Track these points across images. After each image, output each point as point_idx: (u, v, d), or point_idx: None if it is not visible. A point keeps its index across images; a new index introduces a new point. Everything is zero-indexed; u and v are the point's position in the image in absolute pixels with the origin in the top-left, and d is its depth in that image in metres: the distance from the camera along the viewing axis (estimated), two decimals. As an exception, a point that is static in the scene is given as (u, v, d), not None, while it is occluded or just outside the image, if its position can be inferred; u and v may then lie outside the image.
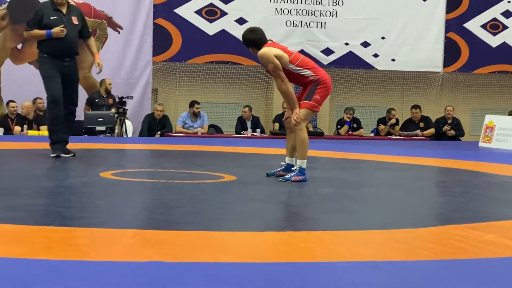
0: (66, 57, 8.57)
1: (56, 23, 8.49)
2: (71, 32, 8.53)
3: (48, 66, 8.54)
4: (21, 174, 6.94)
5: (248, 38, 7.02)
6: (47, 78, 8.56)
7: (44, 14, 8.53)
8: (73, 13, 8.69)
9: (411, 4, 17.54)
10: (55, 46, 8.49)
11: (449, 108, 16.78)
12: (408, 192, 6.57)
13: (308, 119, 7.07)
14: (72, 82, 8.69)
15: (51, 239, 3.85)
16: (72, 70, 8.66)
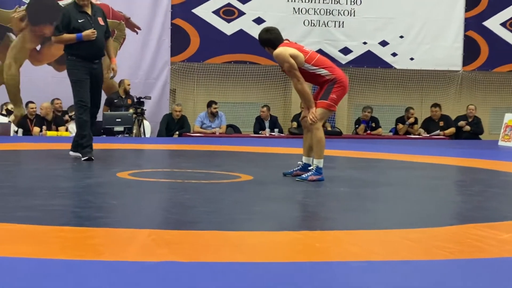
0: (95, 59, 8.49)
1: (84, 25, 8.37)
2: (99, 34, 8.43)
3: (78, 69, 8.42)
4: (39, 175, 6.96)
5: (263, 37, 7.02)
6: (77, 82, 8.45)
7: (71, 17, 8.38)
8: (98, 14, 8.59)
9: (430, 3, 17.46)
10: (84, 49, 8.38)
11: (471, 107, 16.68)
12: (425, 191, 6.53)
13: (324, 119, 7.05)
14: (98, 84, 8.64)
15: (67, 239, 3.86)
16: (100, 72, 8.60)
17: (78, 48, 8.39)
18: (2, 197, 5.32)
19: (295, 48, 6.95)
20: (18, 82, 15.38)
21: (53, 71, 15.58)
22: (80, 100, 8.43)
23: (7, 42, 15.40)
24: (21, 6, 15.39)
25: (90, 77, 8.47)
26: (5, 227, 4.11)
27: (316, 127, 6.85)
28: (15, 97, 15.31)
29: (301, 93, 6.91)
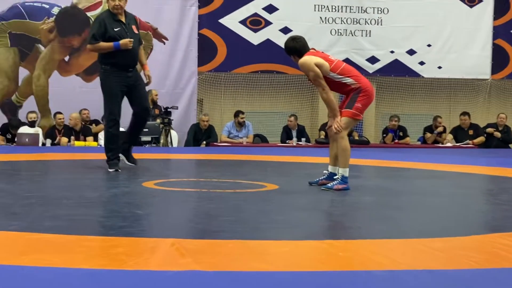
0: (130, 68, 8.40)
1: (120, 34, 8.27)
2: (134, 43, 8.34)
3: (111, 80, 8.34)
4: (66, 184, 7.00)
5: (290, 46, 7.02)
6: (108, 94, 8.41)
7: (107, 25, 8.28)
8: (132, 22, 8.50)
9: (458, 11, 17.39)
10: (120, 58, 8.27)
11: (502, 115, 16.57)
12: (452, 200, 6.49)
13: (349, 127, 7.04)
14: (138, 90, 8.50)
15: (91, 248, 3.88)
16: (136, 79, 8.48)
17: (114, 57, 8.29)
18: (29, 207, 5.35)
19: (321, 57, 6.94)
20: (47, 93, 15.52)
21: (81, 81, 15.70)
22: (110, 114, 8.42)
23: (36, 53, 15.54)
24: (50, 18, 15.53)
25: (126, 86, 8.40)
26: (32, 236, 4.14)
27: (341, 136, 6.84)
28: (43, 108, 15.44)
29: (326, 102, 6.91)
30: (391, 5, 17.08)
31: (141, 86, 8.55)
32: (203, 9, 16.19)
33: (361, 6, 17.01)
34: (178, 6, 15.74)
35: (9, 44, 15.44)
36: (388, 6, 17.08)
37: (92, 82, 15.66)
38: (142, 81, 8.58)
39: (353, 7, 16.99)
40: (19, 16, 15.41)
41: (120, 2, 8.30)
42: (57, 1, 15.57)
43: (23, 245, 3.92)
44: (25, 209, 5.25)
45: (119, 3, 8.28)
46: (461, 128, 16.50)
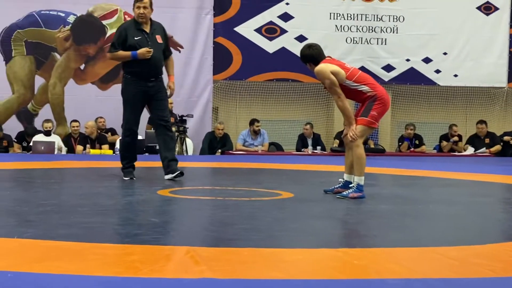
0: (150, 77, 8.28)
1: (140, 43, 8.19)
2: (156, 52, 8.23)
3: (130, 89, 8.30)
4: (81, 192, 7.02)
5: (305, 53, 7.01)
6: (127, 103, 8.36)
7: (128, 34, 8.22)
8: (157, 31, 8.37)
9: (474, 19, 17.36)
10: (140, 67, 8.19)
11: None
12: (468, 209, 6.45)
13: (364, 135, 7.01)
14: (159, 100, 8.38)
15: (106, 256, 3.88)
16: (158, 89, 8.34)
17: (134, 66, 8.23)
18: (45, 214, 5.37)
19: (337, 64, 6.93)
20: (62, 101, 15.58)
21: (96, 90, 15.76)
22: (126, 122, 8.39)
23: (52, 61, 15.62)
24: (65, 26, 15.60)
25: (146, 96, 8.32)
26: (47, 243, 4.14)
27: (356, 144, 6.82)
28: (59, 116, 15.50)
29: (341, 110, 6.90)
30: (407, 13, 17.06)
31: (162, 97, 8.41)
32: (219, 17, 16.22)
33: (377, 14, 17.01)
34: (193, 14, 15.78)
35: (25, 52, 15.52)
36: (404, 14, 17.06)
37: (107, 90, 15.74)
38: (164, 92, 8.46)
39: (369, 15, 16.98)
40: (35, 24, 15.50)
41: (145, 11, 8.22)
42: (73, 10, 15.64)
43: (38, 253, 3.93)
44: (40, 216, 5.26)
45: (143, 11, 8.21)
46: (477, 136, 16.44)
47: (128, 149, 8.47)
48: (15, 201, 6.20)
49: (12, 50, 15.46)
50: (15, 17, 15.42)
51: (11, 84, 15.48)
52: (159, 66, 8.36)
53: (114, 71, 15.76)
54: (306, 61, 7.03)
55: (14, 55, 15.49)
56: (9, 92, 15.49)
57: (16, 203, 6.06)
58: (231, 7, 16.32)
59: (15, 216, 5.27)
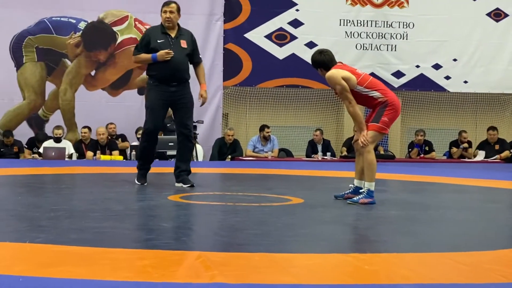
0: (172, 81, 8.17)
1: (162, 46, 8.12)
2: (179, 56, 8.12)
3: (153, 94, 8.24)
4: (92, 197, 7.04)
5: (317, 59, 7.01)
6: (149, 108, 8.29)
7: (151, 37, 8.19)
8: (183, 37, 8.29)
9: (484, 25, 17.34)
10: (161, 70, 8.12)
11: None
12: (478, 214, 6.44)
13: (375, 141, 7.01)
14: (182, 107, 8.27)
15: (117, 260, 3.89)
16: (181, 95, 8.22)
17: (155, 69, 8.19)
18: (56, 220, 5.39)
19: (348, 70, 6.94)
20: (73, 107, 15.63)
21: (107, 96, 15.81)
22: (146, 127, 8.31)
23: (63, 67, 15.67)
24: (76, 33, 15.65)
25: (168, 101, 8.23)
26: (58, 248, 4.16)
27: (368, 150, 6.82)
28: (69, 122, 15.55)
29: (353, 116, 6.90)
30: (417, 19, 17.06)
31: (185, 103, 8.29)
32: (229, 24, 16.25)
33: (387, 20, 17.01)
34: (203, 20, 15.81)
35: (36, 58, 15.58)
36: (414, 20, 17.06)
37: (118, 97, 15.79)
38: (188, 98, 8.32)
39: (379, 22, 16.99)
40: (46, 31, 15.56)
41: (171, 15, 8.20)
42: (84, 16, 15.70)
43: (49, 257, 3.94)
44: (52, 221, 5.28)
45: (170, 15, 8.19)
46: (488, 142, 16.41)
47: (145, 154, 8.42)
48: (27, 206, 6.22)
49: (23, 57, 15.53)
50: (26, 23, 15.49)
51: (22, 90, 15.54)
52: (181, 70, 8.21)
53: (124, 77, 15.82)
54: (317, 66, 7.03)
55: (25, 62, 15.55)
56: (20, 98, 15.55)
57: (28, 208, 6.08)
58: (241, 14, 16.36)
59: (26, 221, 5.29)
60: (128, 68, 15.83)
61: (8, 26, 15.38)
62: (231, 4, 16.28)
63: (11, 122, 15.48)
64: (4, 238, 4.45)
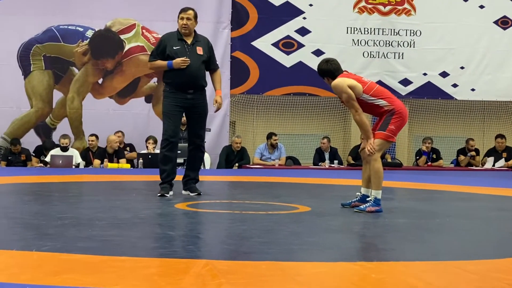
0: (188, 89, 8.10)
1: (178, 53, 8.05)
2: (195, 63, 8.06)
3: (169, 101, 8.15)
4: (99, 206, 7.04)
5: (323, 68, 7.02)
6: (165, 115, 8.18)
7: (167, 44, 8.13)
8: (199, 44, 8.25)
9: (491, 33, 17.32)
10: (177, 78, 8.05)
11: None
12: (486, 223, 6.42)
13: (382, 150, 7.00)
14: (196, 115, 8.23)
15: (123, 269, 3.88)
16: (197, 103, 8.17)
17: (170, 76, 8.12)
18: (63, 228, 5.39)
19: (354, 78, 6.93)
20: (80, 115, 15.66)
21: (114, 104, 15.83)
22: (165, 134, 8.18)
23: (70, 76, 15.70)
24: (84, 41, 15.69)
25: (184, 107, 8.17)
26: (65, 257, 4.16)
27: (374, 158, 6.81)
28: (77, 130, 15.58)
29: (359, 124, 6.89)
30: (424, 27, 17.06)
31: (199, 112, 8.26)
32: (236, 32, 16.27)
33: (394, 28, 17.00)
34: (210, 28, 15.82)
35: (44, 67, 15.62)
36: (421, 28, 17.06)
37: (125, 105, 15.81)
38: (203, 107, 8.28)
39: (386, 29, 16.98)
40: (54, 39, 15.59)
41: (188, 22, 8.17)
42: (91, 24, 15.74)
43: (56, 266, 3.94)
44: (58, 230, 5.28)
45: (187, 22, 8.16)
46: (496, 150, 16.37)
47: (166, 162, 8.18)
48: (34, 214, 6.22)
49: (31, 65, 15.56)
50: (33, 32, 15.53)
51: (29, 98, 15.57)
52: (197, 78, 8.15)
53: (132, 85, 15.84)
54: (323, 75, 7.04)
55: (33, 70, 15.58)
56: (28, 106, 15.58)
57: (35, 216, 6.08)
58: (248, 22, 16.37)
59: (33, 230, 5.29)
60: (135, 76, 15.86)
61: (16, 34, 15.43)
62: (238, 12, 16.31)
63: (19, 130, 15.50)
64: (11, 246, 4.45)
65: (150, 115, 15.93)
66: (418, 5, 17.08)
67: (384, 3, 17.00)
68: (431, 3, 17.12)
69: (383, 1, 16.99)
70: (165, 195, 8.00)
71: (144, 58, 15.66)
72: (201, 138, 8.35)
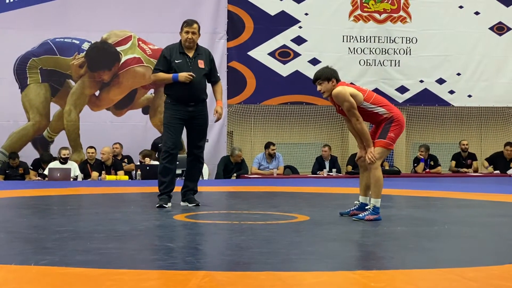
0: (190, 102, 8.14)
1: (180, 66, 8.08)
2: (197, 77, 8.08)
3: (170, 112, 8.18)
4: (97, 218, 7.03)
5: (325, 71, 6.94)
6: (166, 126, 8.21)
7: (170, 57, 8.15)
8: (201, 57, 8.25)
9: (487, 39, 17.37)
10: (178, 91, 8.09)
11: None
12: (485, 229, 6.42)
13: (383, 158, 7.01)
14: (197, 127, 8.27)
15: (122, 281, 3.88)
16: (198, 115, 8.22)
17: (173, 89, 8.15)
18: (62, 241, 5.38)
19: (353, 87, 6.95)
20: (78, 128, 15.66)
21: (111, 116, 15.83)
22: (164, 145, 8.21)
23: (67, 88, 15.71)
24: (80, 53, 15.69)
25: (185, 120, 8.20)
26: (64, 271, 4.15)
27: (375, 166, 6.82)
28: (75, 142, 15.57)
29: (361, 133, 6.88)
30: (420, 34, 17.09)
31: (200, 124, 8.31)
32: (232, 42, 16.29)
33: (390, 36, 17.04)
34: (207, 39, 15.81)
35: (40, 80, 15.61)
36: (417, 35, 17.09)
37: (122, 116, 15.81)
38: (204, 119, 8.34)
39: (382, 37, 17.01)
40: (50, 52, 15.60)
41: (193, 36, 8.18)
42: (87, 37, 15.75)
43: (54, 280, 3.94)
44: (57, 243, 5.28)
45: (192, 36, 8.15)
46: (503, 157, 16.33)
47: (166, 173, 8.20)
48: (32, 228, 6.22)
49: (27, 78, 15.56)
50: (30, 45, 15.54)
51: (26, 111, 15.56)
52: (198, 91, 8.19)
53: (128, 97, 15.85)
54: (320, 77, 6.93)
55: (30, 83, 15.58)
56: (25, 120, 15.57)
57: (33, 230, 6.08)
58: (244, 32, 16.40)
59: (32, 243, 5.28)
60: (132, 88, 15.87)
61: (12, 47, 15.43)
62: (234, 22, 16.33)
63: (16, 143, 15.49)
64: (9, 261, 4.44)
65: (148, 127, 15.93)
66: (414, 12, 17.12)
67: (379, 11, 17.03)
68: (427, 10, 17.16)
69: (379, 9, 17.02)
70: (163, 205, 8.00)
71: (141, 70, 15.68)
72: (200, 149, 8.37)
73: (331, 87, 6.90)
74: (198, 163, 8.44)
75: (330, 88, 6.91)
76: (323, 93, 6.95)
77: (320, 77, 6.94)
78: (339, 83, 6.95)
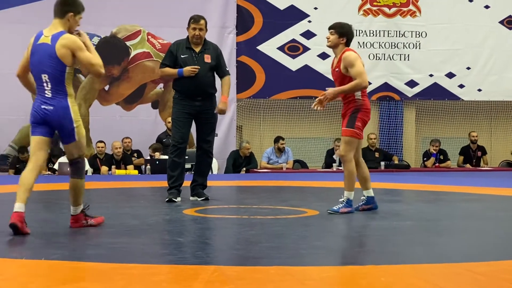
0: (196, 96, 8.18)
1: (186, 61, 8.15)
2: (202, 71, 8.11)
3: (178, 107, 8.25)
4: (107, 212, 7.03)
5: (341, 25, 7.15)
6: (174, 121, 8.28)
7: (177, 52, 8.22)
8: (208, 51, 8.27)
9: (497, 33, 17.29)
10: (185, 85, 8.15)
11: None
12: (493, 224, 6.41)
13: (353, 148, 6.95)
14: (205, 121, 8.29)
15: (132, 276, 3.89)
16: (206, 110, 8.24)
17: (179, 84, 8.23)
18: (72, 236, 5.41)
19: None
20: (87, 122, 15.66)
21: (121, 110, 15.85)
22: (173, 140, 8.29)
23: (77, 83, 15.70)
24: (89, 48, 15.69)
25: (194, 114, 8.24)
26: (74, 265, 4.18)
27: (348, 159, 6.88)
28: (85, 137, 15.57)
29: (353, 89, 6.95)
30: (429, 28, 17.04)
31: (208, 118, 8.33)
32: (241, 36, 16.27)
33: (399, 30, 16.99)
34: (216, 33, 15.81)
35: (50, 74, 15.61)
36: (426, 29, 17.04)
37: (132, 111, 15.83)
38: (212, 114, 8.36)
39: (391, 32, 16.96)
40: (60, 47, 15.60)
41: (200, 32, 8.20)
42: (97, 31, 15.75)
43: (65, 274, 3.96)
44: (67, 238, 5.31)
45: (199, 33, 8.19)
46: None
47: (174, 167, 8.23)
48: (42, 222, 6.25)
49: (37, 73, 15.57)
50: (40, 40, 15.54)
51: (36, 106, 15.57)
52: (205, 85, 8.21)
53: (138, 91, 15.86)
54: (336, 30, 7.09)
55: (39, 78, 15.58)
56: (35, 114, 15.57)
57: (43, 224, 6.11)
58: (253, 26, 16.38)
59: (42, 238, 5.31)
60: (141, 82, 15.88)
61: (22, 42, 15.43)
62: (243, 16, 16.32)
63: (26, 138, 15.50)
64: (20, 255, 4.47)
65: (157, 121, 15.93)
66: (423, 6, 17.06)
67: (389, 5, 16.99)
68: (436, 4, 17.10)
69: (388, 3, 16.98)
70: (173, 200, 8.04)
71: (150, 64, 15.68)
72: (209, 143, 8.40)
73: (338, 43, 7.06)
74: (207, 158, 8.45)
75: (336, 43, 7.07)
76: (328, 42, 7.12)
77: (335, 28, 7.11)
78: (348, 47, 6.99)
